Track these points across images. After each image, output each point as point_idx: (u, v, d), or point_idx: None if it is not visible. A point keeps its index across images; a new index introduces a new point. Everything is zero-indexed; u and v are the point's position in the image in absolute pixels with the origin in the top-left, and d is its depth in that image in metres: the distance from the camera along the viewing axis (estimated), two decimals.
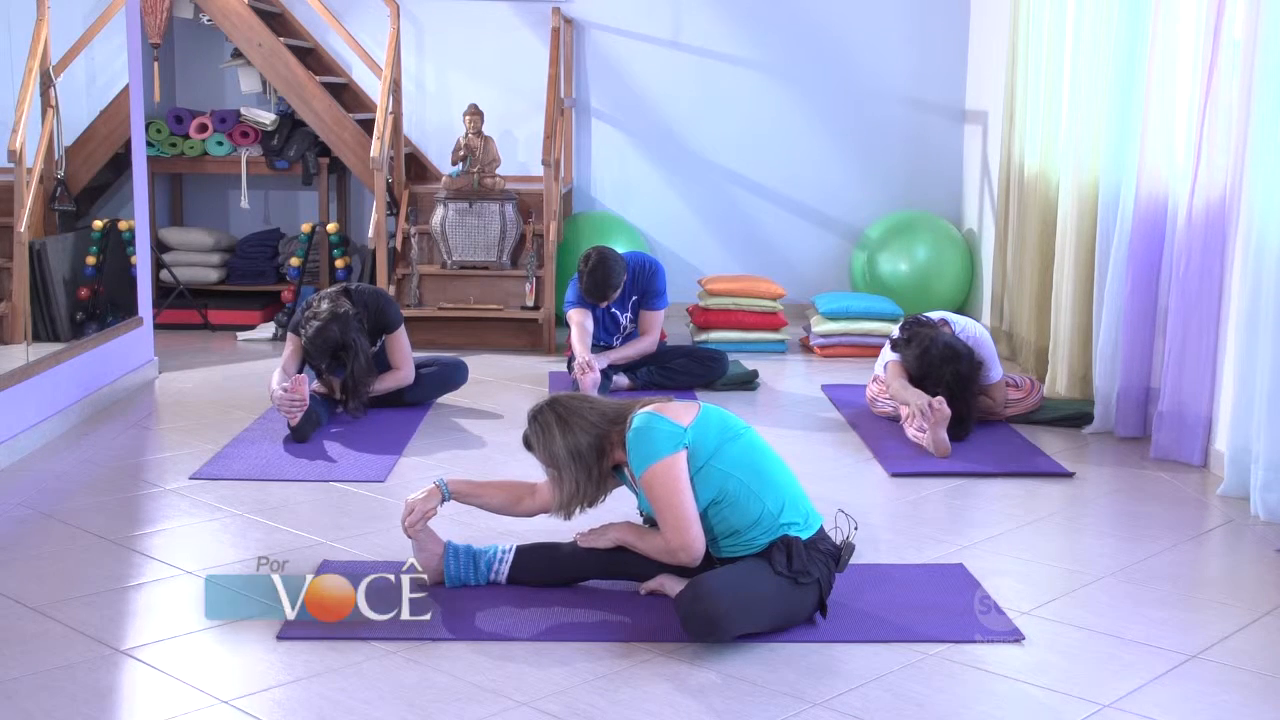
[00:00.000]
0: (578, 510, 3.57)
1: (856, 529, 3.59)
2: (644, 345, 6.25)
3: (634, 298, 6.26)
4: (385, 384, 5.71)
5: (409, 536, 3.68)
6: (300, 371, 5.48)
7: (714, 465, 3.39)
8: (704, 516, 3.43)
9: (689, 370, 6.25)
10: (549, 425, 3.50)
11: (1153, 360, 5.36)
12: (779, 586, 3.34)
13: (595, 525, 3.70)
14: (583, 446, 3.47)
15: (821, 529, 3.48)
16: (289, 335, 5.56)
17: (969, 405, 5.29)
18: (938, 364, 5.27)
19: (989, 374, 5.49)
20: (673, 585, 3.51)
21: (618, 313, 6.25)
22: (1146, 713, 2.99)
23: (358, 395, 5.49)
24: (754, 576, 3.34)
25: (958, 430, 5.22)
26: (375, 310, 5.65)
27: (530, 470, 5.01)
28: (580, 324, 6.08)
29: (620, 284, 6.10)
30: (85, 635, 3.34)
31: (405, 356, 5.78)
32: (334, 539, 4.09)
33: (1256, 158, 4.51)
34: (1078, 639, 3.41)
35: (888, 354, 5.55)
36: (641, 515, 3.67)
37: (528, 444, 3.56)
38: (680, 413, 3.44)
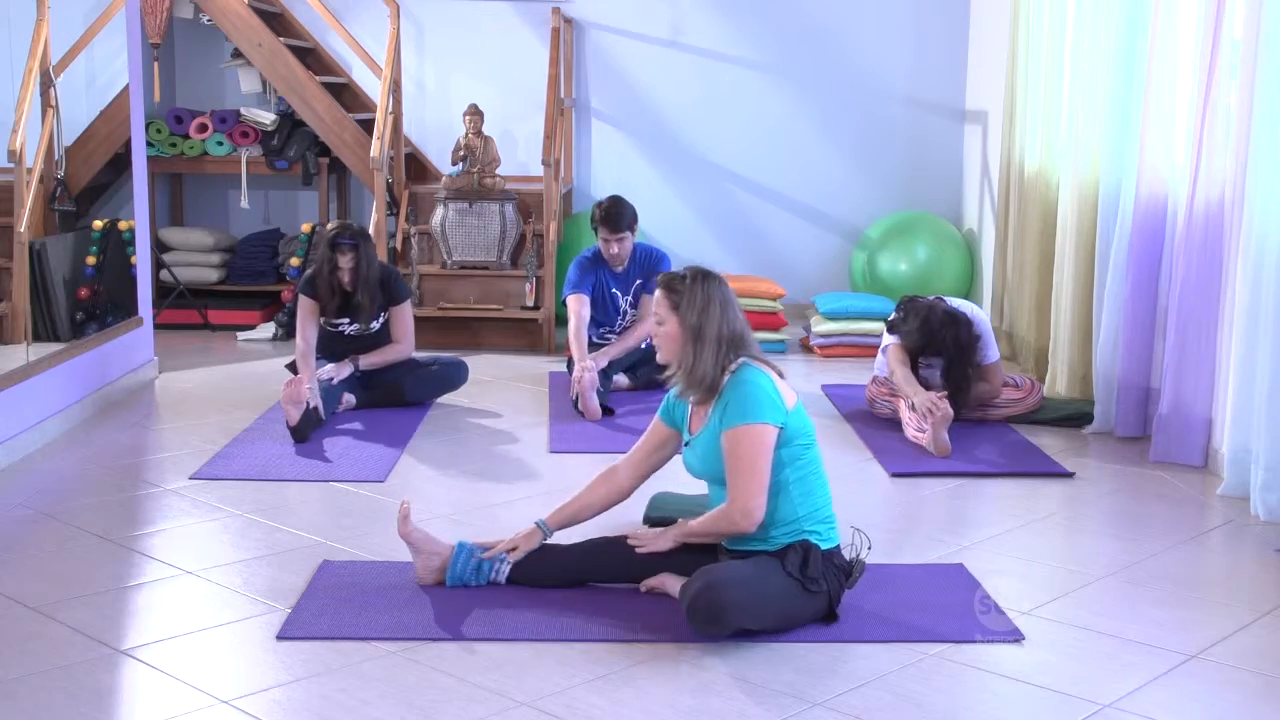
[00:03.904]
0: (690, 396, 3.49)
1: (870, 549, 3.59)
2: (640, 332, 6.20)
3: (638, 281, 6.26)
4: (386, 356, 5.79)
5: (405, 541, 3.68)
6: (317, 329, 5.66)
7: (777, 456, 3.40)
8: None
9: None
10: (712, 298, 3.45)
11: (1153, 360, 5.36)
12: (787, 587, 3.34)
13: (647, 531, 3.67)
14: (724, 336, 3.44)
15: (838, 546, 3.50)
16: (300, 297, 5.69)
17: (967, 374, 5.34)
18: (938, 329, 5.33)
19: (986, 352, 5.51)
20: (673, 584, 3.51)
21: (618, 293, 6.24)
22: (1146, 713, 2.99)
23: (369, 294, 5.64)
24: (763, 573, 3.35)
25: (956, 399, 5.27)
26: (387, 279, 5.80)
27: (529, 463, 5.01)
28: (577, 312, 6.09)
29: (633, 222, 6.12)
30: (85, 635, 3.34)
31: (407, 331, 5.87)
32: (334, 539, 4.09)
33: (1257, 158, 4.51)
34: (1078, 639, 3.41)
35: (886, 338, 5.57)
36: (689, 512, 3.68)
37: (674, 289, 3.48)
38: (786, 392, 3.44)
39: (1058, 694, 3.08)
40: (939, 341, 5.35)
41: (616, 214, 6.11)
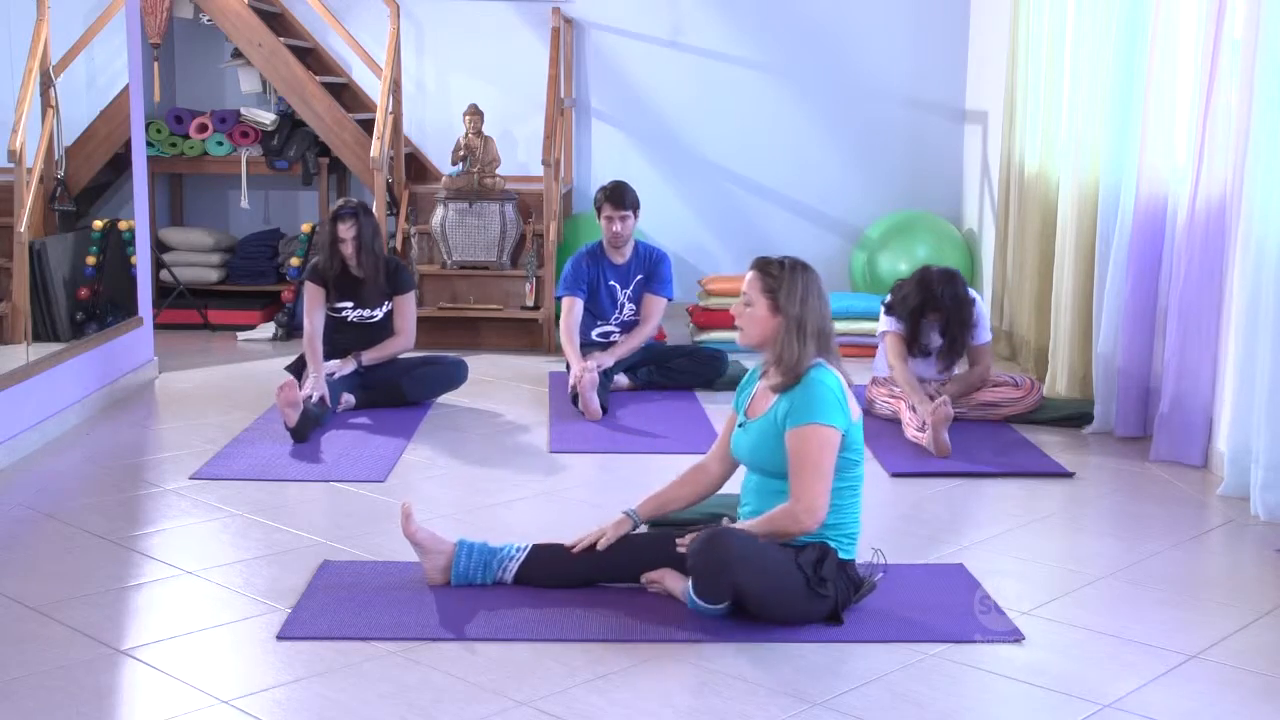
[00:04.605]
0: (777, 383, 3.48)
1: (884, 574, 3.59)
2: (645, 333, 6.23)
3: (639, 276, 6.28)
4: (387, 350, 5.86)
5: (411, 542, 3.67)
6: (322, 311, 5.77)
7: None
8: (772, 492, 3.47)
9: (689, 370, 6.26)
10: (810, 290, 3.46)
11: (1153, 360, 5.36)
12: (795, 577, 3.35)
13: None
14: (816, 326, 3.45)
15: (853, 560, 3.52)
16: (306, 284, 5.82)
17: (964, 329, 5.46)
18: (935, 284, 5.43)
19: (979, 330, 5.58)
20: (674, 582, 3.52)
21: (617, 285, 6.26)
22: (1146, 713, 2.99)
23: (373, 264, 5.75)
24: (774, 552, 3.37)
25: (949, 356, 5.48)
26: (393, 269, 5.90)
27: (529, 463, 5.02)
28: (568, 314, 6.12)
29: (636, 206, 6.21)
30: (85, 635, 3.34)
31: (409, 322, 5.94)
32: (334, 539, 4.09)
33: (1257, 158, 4.51)
34: (1078, 639, 3.41)
35: (882, 322, 5.59)
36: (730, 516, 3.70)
37: (769, 273, 3.49)
38: (852, 403, 3.47)
39: (1058, 694, 3.08)
40: (936, 298, 5.43)
41: (621, 190, 6.20)
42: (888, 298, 5.64)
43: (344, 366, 5.72)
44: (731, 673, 3.16)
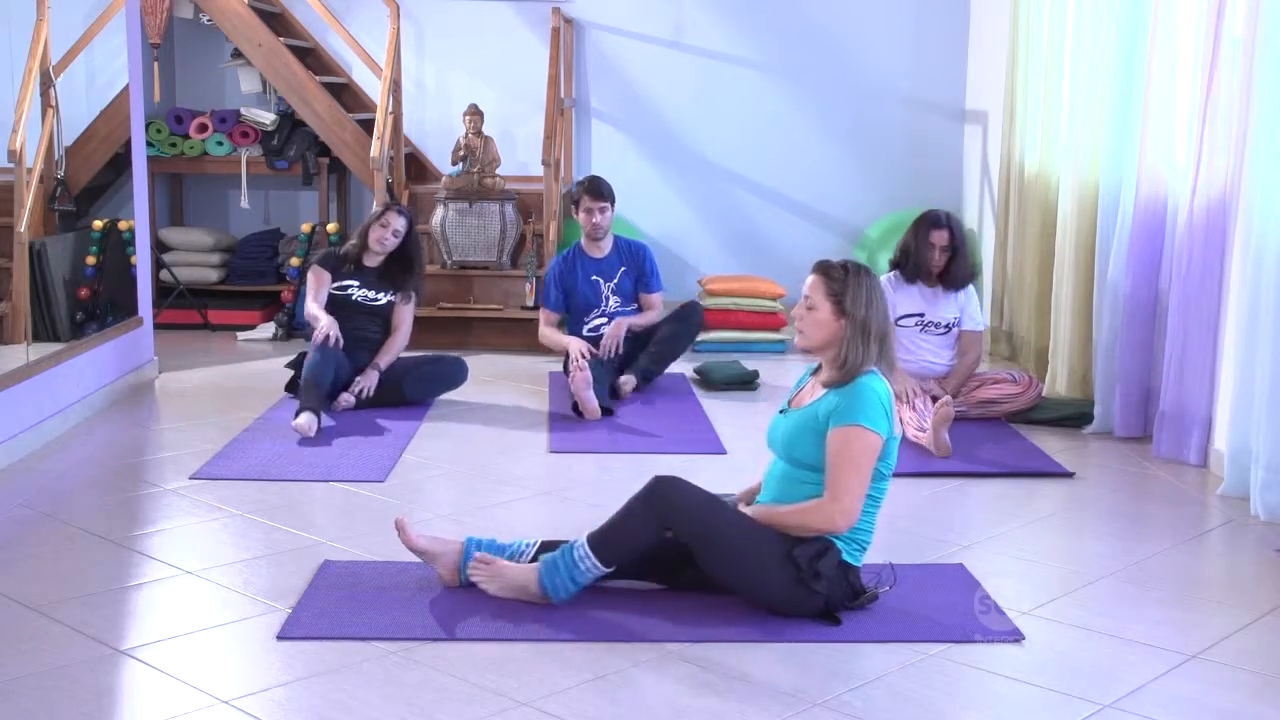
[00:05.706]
0: (830, 380, 3.48)
1: (890, 589, 3.59)
2: (652, 316, 6.39)
3: (622, 268, 6.33)
4: (393, 351, 5.94)
5: (414, 551, 3.66)
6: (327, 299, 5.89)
7: None
8: (797, 481, 3.47)
9: (675, 333, 6.31)
10: (874, 293, 3.48)
11: (1153, 360, 5.36)
12: (772, 563, 3.35)
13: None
14: (879, 330, 3.46)
15: (859, 569, 3.52)
16: (314, 268, 5.94)
17: (965, 253, 5.58)
18: (934, 212, 5.59)
19: (973, 315, 5.66)
20: (513, 571, 3.51)
21: (599, 280, 6.32)
22: (1146, 713, 2.99)
23: (402, 264, 5.96)
24: (754, 537, 3.39)
25: (953, 273, 5.57)
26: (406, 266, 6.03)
27: (529, 463, 5.01)
28: (545, 321, 6.35)
29: (613, 194, 6.31)
30: (85, 635, 3.34)
31: (407, 322, 6.02)
32: (334, 539, 4.09)
33: (1256, 157, 4.51)
34: (1078, 639, 3.41)
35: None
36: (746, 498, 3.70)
37: (833, 277, 3.51)
38: (895, 416, 3.49)
39: (1058, 694, 3.08)
40: (939, 218, 5.57)
41: (599, 182, 6.30)
42: (893, 256, 5.71)
43: (369, 381, 5.76)
44: (731, 673, 3.16)
